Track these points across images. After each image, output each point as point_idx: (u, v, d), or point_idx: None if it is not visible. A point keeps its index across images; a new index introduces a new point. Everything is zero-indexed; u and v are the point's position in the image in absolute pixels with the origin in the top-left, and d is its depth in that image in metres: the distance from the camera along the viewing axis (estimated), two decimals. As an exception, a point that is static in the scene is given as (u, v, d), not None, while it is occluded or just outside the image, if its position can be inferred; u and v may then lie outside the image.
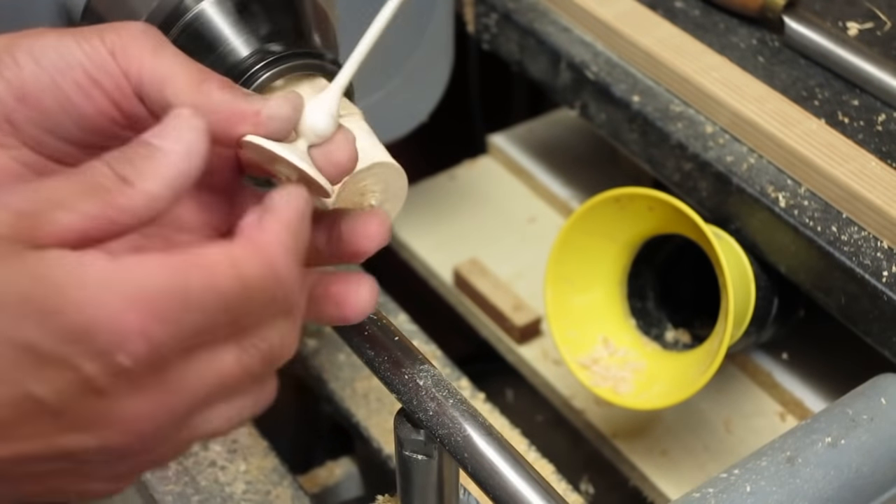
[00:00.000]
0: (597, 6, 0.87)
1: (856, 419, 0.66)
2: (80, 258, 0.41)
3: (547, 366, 0.91)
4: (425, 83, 0.90)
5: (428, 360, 0.56)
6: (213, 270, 0.43)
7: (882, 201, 0.71)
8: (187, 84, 0.49)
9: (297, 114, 0.50)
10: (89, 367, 0.41)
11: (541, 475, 0.52)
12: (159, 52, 0.49)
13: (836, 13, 0.85)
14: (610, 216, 0.78)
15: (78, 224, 0.43)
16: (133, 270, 0.42)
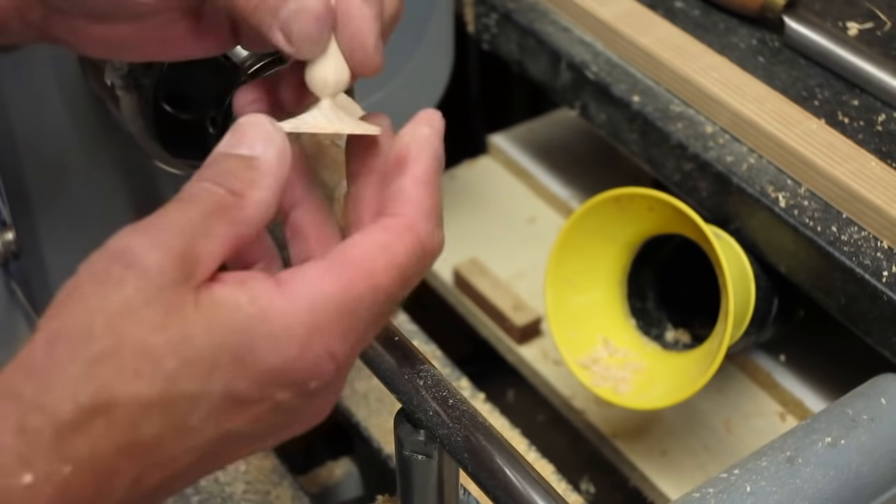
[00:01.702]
0: (597, 6, 0.87)
1: (856, 419, 0.66)
2: (252, 295, 0.42)
3: (547, 366, 0.91)
4: (425, 83, 0.90)
5: (428, 360, 0.55)
6: (373, 269, 0.44)
7: (882, 201, 0.71)
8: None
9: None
10: (283, 396, 0.43)
11: (541, 475, 0.52)
12: None
13: (836, 13, 0.85)
14: (610, 216, 0.78)
15: (219, 249, 0.43)
16: (304, 295, 0.43)
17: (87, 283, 0.43)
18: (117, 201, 0.81)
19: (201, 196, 0.44)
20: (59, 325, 0.41)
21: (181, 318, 0.41)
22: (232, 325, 0.42)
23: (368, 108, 0.64)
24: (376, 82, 0.87)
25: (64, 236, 0.80)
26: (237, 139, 0.46)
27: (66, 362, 0.40)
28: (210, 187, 0.44)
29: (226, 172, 0.45)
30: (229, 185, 0.44)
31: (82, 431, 0.40)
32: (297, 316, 0.43)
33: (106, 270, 0.42)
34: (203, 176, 0.45)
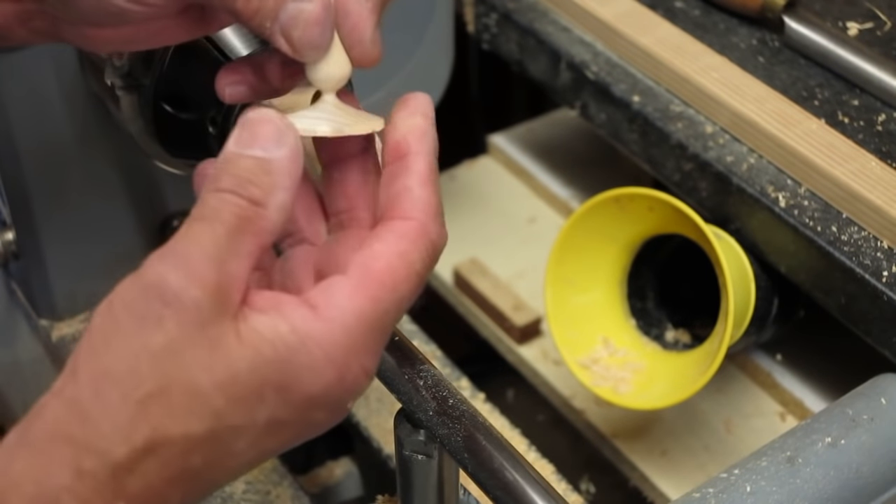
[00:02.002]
0: (597, 6, 0.87)
1: (856, 419, 0.66)
2: (292, 325, 0.43)
3: (547, 366, 0.91)
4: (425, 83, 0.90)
5: (428, 360, 0.56)
6: (396, 280, 0.46)
7: (882, 201, 0.71)
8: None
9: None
10: (320, 416, 0.45)
11: (541, 475, 0.52)
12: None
13: (836, 13, 0.85)
14: (610, 216, 0.78)
15: (247, 266, 0.44)
16: (339, 319, 0.44)
17: (126, 321, 0.42)
18: (117, 201, 0.81)
19: (224, 211, 0.44)
20: (105, 367, 0.42)
21: (226, 356, 0.42)
22: (275, 359, 0.43)
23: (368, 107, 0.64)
24: (376, 82, 0.87)
25: (64, 236, 0.80)
26: (250, 138, 0.45)
27: (118, 405, 0.41)
28: (231, 200, 0.44)
29: (244, 180, 0.44)
30: (249, 195, 0.44)
31: (136, 470, 0.41)
32: (336, 342, 0.44)
33: (145, 308, 0.42)
34: (221, 185, 0.44)
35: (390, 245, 0.46)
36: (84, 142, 0.77)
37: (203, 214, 0.44)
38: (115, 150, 0.78)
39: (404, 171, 0.49)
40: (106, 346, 0.42)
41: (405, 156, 0.49)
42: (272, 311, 0.43)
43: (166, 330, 0.42)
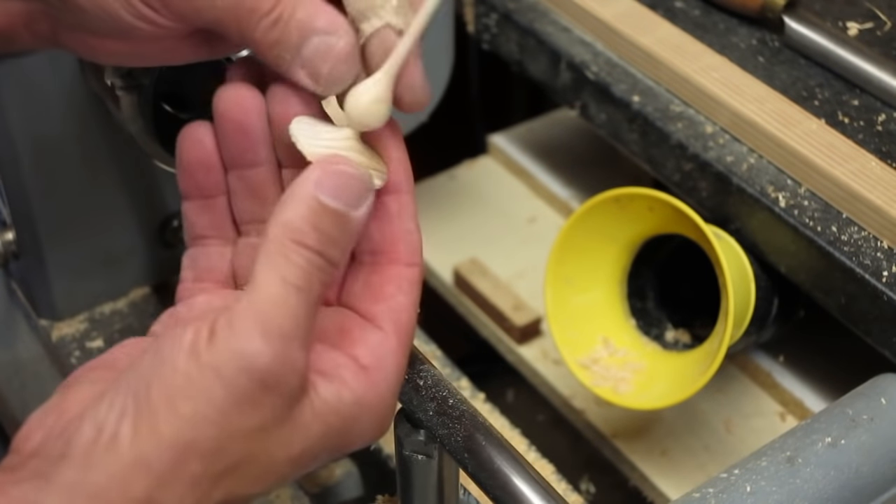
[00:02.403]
0: (597, 6, 0.87)
1: (856, 419, 0.66)
2: (355, 395, 0.46)
3: (547, 366, 0.91)
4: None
5: (428, 360, 0.55)
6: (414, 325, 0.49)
7: (882, 201, 0.71)
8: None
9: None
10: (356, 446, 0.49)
11: (541, 475, 0.52)
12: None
13: (836, 13, 0.85)
14: (610, 216, 0.78)
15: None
16: (388, 379, 0.48)
17: (221, 397, 0.43)
18: (117, 201, 0.81)
19: (315, 282, 0.44)
20: (191, 439, 0.42)
21: (303, 432, 0.45)
22: (339, 428, 0.46)
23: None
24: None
25: (64, 236, 0.80)
26: (335, 189, 0.45)
27: (199, 476, 0.43)
28: (318, 264, 0.44)
29: (329, 240, 0.45)
30: (331, 257, 0.45)
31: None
32: (385, 403, 0.48)
33: (244, 390, 0.43)
34: (309, 242, 0.44)
35: (410, 296, 0.49)
36: (84, 142, 0.77)
37: (299, 283, 0.44)
38: (115, 150, 0.78)
39: (403, 210, 0.50)
40: (194, 413, 0.42)
41: (399, 192, 0.49)
42: (336, 380, 0.46)
43: (262, 414, 0.43)
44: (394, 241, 0.49)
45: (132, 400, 0.43)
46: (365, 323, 0.49)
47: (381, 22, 0.48)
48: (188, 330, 0.43)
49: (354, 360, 0.47)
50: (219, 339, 0.42)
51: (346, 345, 0.48)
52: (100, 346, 0.82)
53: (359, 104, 0.48)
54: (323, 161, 0.46)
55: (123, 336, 0.83)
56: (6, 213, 0.80)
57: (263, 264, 0.44)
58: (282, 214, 0.45)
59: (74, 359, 0.81)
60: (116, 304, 0.85)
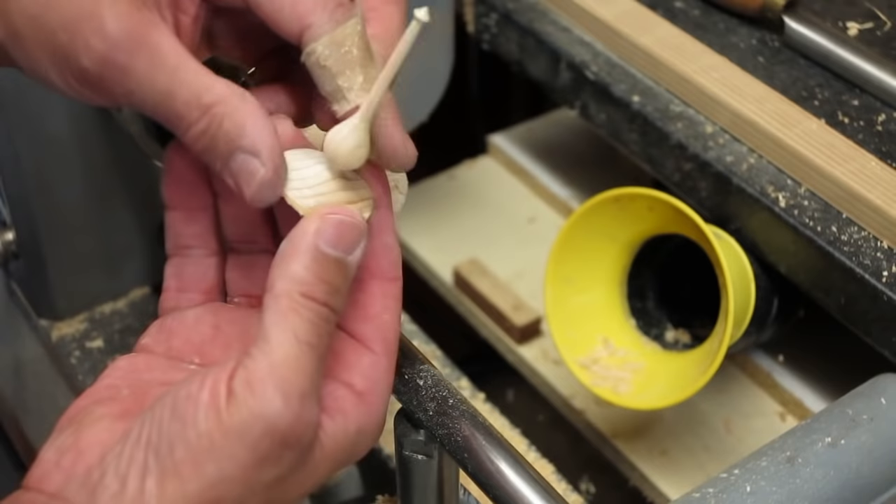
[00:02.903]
0: (597, 6, 0.87)
1: (856, 419, 0.66)
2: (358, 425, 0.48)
3: (547, 366, 0.91)
4: (425, 83, 0.90)
5: (428, 360, 0.55)
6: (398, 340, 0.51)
7: (882, 201, 0.71)
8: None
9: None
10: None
11: (541, 475, 0.52)
12: None
13: (836, 13, 0.85)
14: (610, 216, 0.78)
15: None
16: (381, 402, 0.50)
17: (243, 456, 0.44)
18: (117, 201, 0.81)
19: (324, 334, 0.46)
20: (216, 496, 0.44)
21: (315, 473, 0.47)
22: (344, 457, 0.48)
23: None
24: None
25: (64, 236, 0.80)
26: (336, 238, 0.46)
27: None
28: (326, 317, 0.46)
29: (334, 290, 0.46)
30: (335, 305, 0.46)
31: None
32: (379, 424, 0.50)
33: (266, 449, 0.44)
34: (316, 295, 0.45)
35: (394, 313, 0.50)
36: (84, 142, 0.77)
37: (310, 339, 0.45)
38: (115, 150, 0.78)
39: (381, 225, 0.50)
40: (219, 473, 0.44)
41: (378, 208, 0.50)
42: (338, 414, 0.47)
43: (281, 467, 0.45)
44: (375, 256, 0.50)
45: (154, 457, 0.44)
46: (356, 345, 0.50)
47: (349, 105, 0.49)
48: (205, 389, 0.44)
49: (350, 387, 0.49)
50: (239, 400, 0.44)
51: (341, 371, 0.49)
52: (100, 346, 0.82)
53: (339, 153, 0.49)
54: (320, 211, 0.47)
55: (123, 336, 0.83)
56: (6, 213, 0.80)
57: (276, 322, 0.45)
58: (287, 267, 0.46)
59: (74, 359, 0.81)
60: (116, 304, 0.85)
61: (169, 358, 0.53)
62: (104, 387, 0.50)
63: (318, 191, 0.49)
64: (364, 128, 0.49)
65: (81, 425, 0.47)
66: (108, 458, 0.45)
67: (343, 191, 0.49)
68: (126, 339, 0.83)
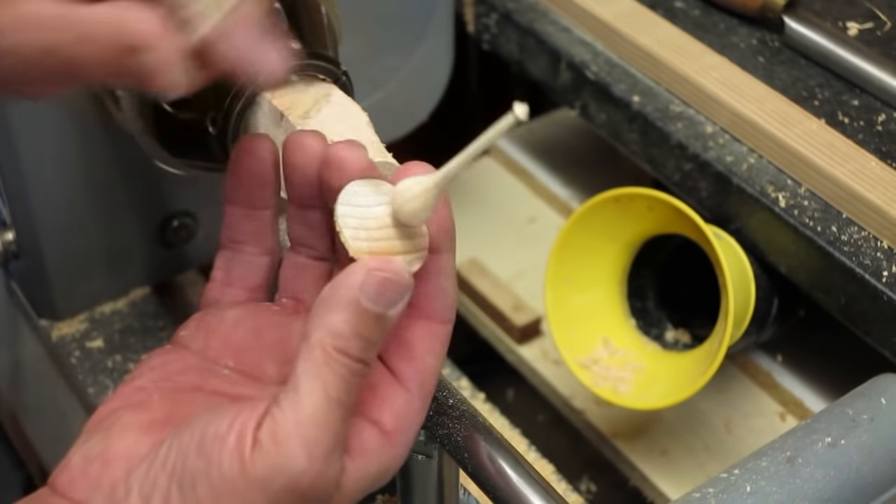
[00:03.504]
0: (597, 6, 0.87)
1: (856, 419, 0.66)
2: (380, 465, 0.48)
3: (547, 366, 0.91)
4: (425, 83, 0.90)
5: (428, 361, 0.55)
6: (436, 382, 0.50)
7: (882, 201, 0.71)
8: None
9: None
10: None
11: (541, 475, 0.52)
12: None
13: (836, 13, 0.85)
14: (610, 216, 0.78)
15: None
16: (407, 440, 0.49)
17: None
18: (117, 201, 0.81)
19: (353, 390, 0.45)
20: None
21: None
22: (363, 492, 0.48)
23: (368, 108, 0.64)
24: (376, 83, 0.87)
25: (64, 236, 0.80)
26: (378, 293, 0.46)
27: None
28: (360, 372, 0.45)
29: (369, 343, 0.45)
30: (370, 358, 0.46)
31: None
32: (404, 452, 0.49)
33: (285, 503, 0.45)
34: (352, 351, 0.45)
35: (438, 358, 0.50)
36: (84, 142, 0.77)
37: (340, 395, 0.45)
38: (115, 150, 0.78)
39: (440, 270, 0.50)
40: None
41: (438, 253, 0.50)
42: (362, 458, 0.47)
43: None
44: (428, 298, 0.50)
45: (177, 488, 0.44)
46: (392, 381, 0.50)
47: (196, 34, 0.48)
48: (232, 432, 0.44)
49: (377, 425, 0.48)
50: (263, 452, 0.44)
51: (373, 407, 0.49)
52: (100, 346, 0.82)
53: (404, 210, 0.48)
54: (367, 264, 0.47)
55: (123, 336, 0.83)
56: (6, 213, 0.80)
57: (308, 373, 0.45)
58: (326, 318, 0.45)
59: (74, 359, 0.81)
60: (116, 304, 0.85)
61: (204, 358, 0.53)
62: (135, 388, 0.50)
63: (374, 235, 0.48)
64: (435, 193, 0.49)
65: (110, 432, 0.48)
66: (133, 475, 0.45)
67: (399, 240, 0.49)
68: (126, 339, 0.83)
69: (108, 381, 0.80)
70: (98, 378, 0.80)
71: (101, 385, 0.79)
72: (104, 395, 0.78)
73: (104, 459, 0.47)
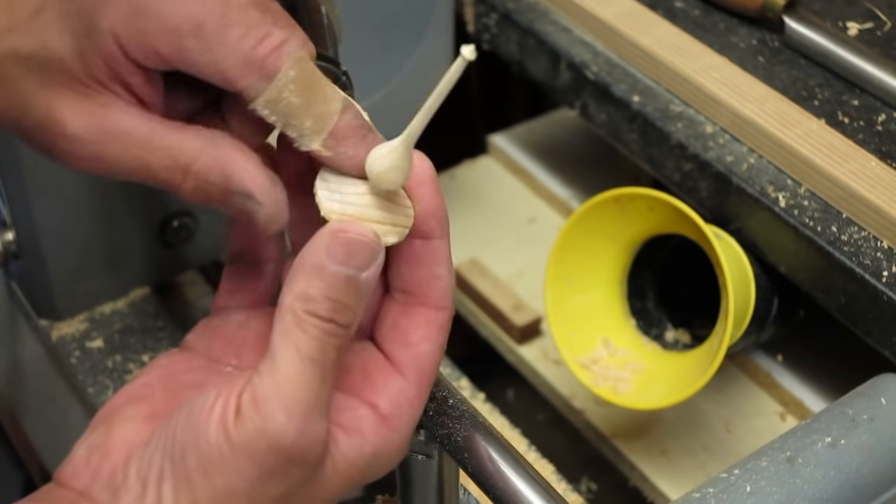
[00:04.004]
0: (597, 6, 0.87)
1: (856, 419, 0.66)
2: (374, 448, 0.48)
3: (547, 366, 0.91)
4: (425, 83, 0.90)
5: (428, 360, 0.55)
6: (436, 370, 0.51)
7: (882, 201, 0.71)
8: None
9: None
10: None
11: (541, 475, 0.52)
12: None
13: (836, 13, 0.85)
14: (610, 216, 0.78)
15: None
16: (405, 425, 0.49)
17: (251, 471, 0.45)
18: (117, 201, 0.81)
19: (329, 351, 0.46)
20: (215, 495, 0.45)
21: (325, 488, 0.47)
22: (358, 477, 0.48)
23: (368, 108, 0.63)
24: (377, 82, 0.87)
25: (64, 236, 0.80)
26: (345, 255, 0.46)
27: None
28: (332, 332, 0.46)
29: (341, 305, 0.46)
30: (345, 321, 0.46)
31: None
32: (400, 447, 0.50)
33: (272, 464, 0.45)
34: (321, 312, 0.45)
35: (435, 343, 0.50)
36: (84, 142, 0.77)
37: (313, 354, 0.45)
38: (115, 150, 0.78)
39: (433, 256, 0.51)
40: (227, 486, 0.45)
41: (430, 238, 0.50)
42: (356, 435, 0.48)
43: (287, 481, 0.46)
44: (423, 285, 0.51)
45: (169, 463, 0.45)
46: (389, 367, 0.50)
47: (306, 148, 0.50)
48: (218, 402, 0.45)
49: (374, 408, 0.49)
50: (245, 418, 0.45)
51: (368, 391, 0.50)
52: (100, 346, 0.82)
53: (373, 169, 0.49)
54: (331, 227, 0.48)
55: (123, 336, 0.83)
56: (6, 213, 0.80)
57: (280, 339, 0.46)
58: (295, 284, 0.46)
59: (74, 359, 0.81)
60: (116, 304, 0.85)
61: (208, 358, 0.53)
62: (140, 385, 0.51)
63: (347, 199, 0.49)
64: (402, 152, 0.49)
65: (112, 424, 0.49)
66: (131, 460, 0.46)
67: (376, 210, 0.49)
68: (126, 339, 0.83)
69: (108, 381, 0.80)
70: (98, 378, 0.80)
71: (101, 385, 0.79)
72: (104, 395, 0.79)
73: (105, 449, 0.47)
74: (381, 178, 0.49)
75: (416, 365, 0.50)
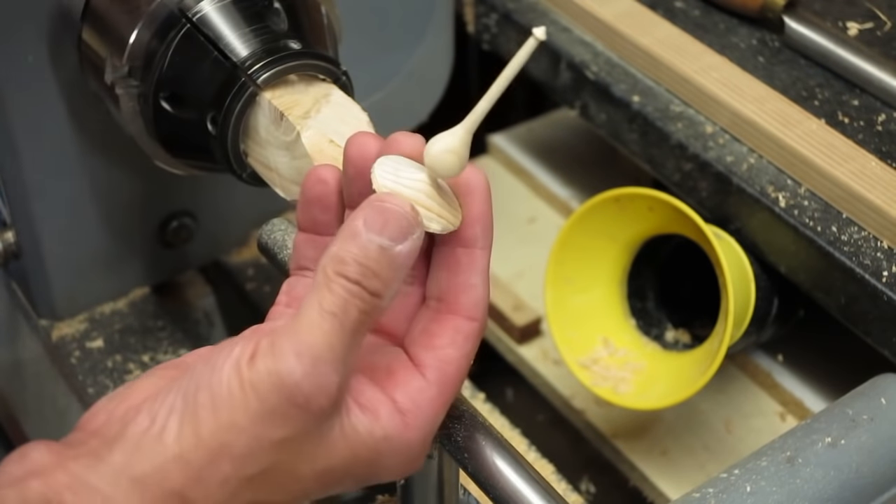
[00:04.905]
0: (597, 6, 0.87)
1: (856, 419, 0.66)
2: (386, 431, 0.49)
3: (547, 366, 0.91)
4: (425, 83, 0.90)
5: (428, 360, 0.55)
6: (462, 377, 0.51)
7: (882, 201, 0.71)
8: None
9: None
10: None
11: (541, 475, 0.52)
12: None
13: (836, 13, 0.85)
14: (610, 216, 0.78)
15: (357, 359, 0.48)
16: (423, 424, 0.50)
17: (255, 407, 0.46)
18: (117, 201, 0.81)
19: (352, 309, 0.46)
20: (225, 441, 0.46)
21: (328, 452, 0.48)
22: (367, 459, 0.49)
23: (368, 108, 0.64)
24: (377, 82, 0.87)
25: (64, 236, 0.80)
26: (381, 224, 0.47)
27: (229, 477, 0.46)
28: (358, 294, 0.46)
29: (371, 272, 0.47)
30: (373, 288, 0.47)
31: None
32: (418, 445, 0.50)
33: (276, 403, 0.46)
34: (349, 273, 0.46)
35: (461, 350, 0.51)
36: (84, 142, 0.77)
37: (333, 309, 0.46)
38: (115, 150, 0.78)
39: (471, 264, 0.53)
40: (231, 421, 0.46)
41: (472, 248, 0.52)
42: (370, 414, 0.48)
43: (290, 426, 0.46)
44: (456, 292, 0.52)
45: (181, 399, 0.47)
46: (411, 367, 0.51)
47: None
48: (238, 345, 0.47)
49: (393, 401, 0.50)
50: (258, 358, 0.46)
51: (389, 386, 0.50)
52: (100, 346, 0.82)
53: (430, 151, 0.49)
54: (373, 197, 0.48)
55: (123, 336, 0.83)
56: (6, 213, 0.80)
57: (310, 294, 0.47)
58: (331, 248, 0.47)
59: (74, 359, 0.81)
60: (116, 304, 0.85)
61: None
62: (174, 361, 0.52)
63: (403, 183, 0.49)
64: (461, 136, 0.49)
65: (138, 380, 0.50)
66: (147, 401, 0.47)
67: (427, 197, 0.50)
68: (126, 339, 0.83)
69: (108, 381, 0.80)
70: (98, 378, 0.80)
71: (101, 385, 0.79)
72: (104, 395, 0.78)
73: (124, 396, 0.49)
74: (437, 159, 0.49)
75: (437, 367, 0.50)
